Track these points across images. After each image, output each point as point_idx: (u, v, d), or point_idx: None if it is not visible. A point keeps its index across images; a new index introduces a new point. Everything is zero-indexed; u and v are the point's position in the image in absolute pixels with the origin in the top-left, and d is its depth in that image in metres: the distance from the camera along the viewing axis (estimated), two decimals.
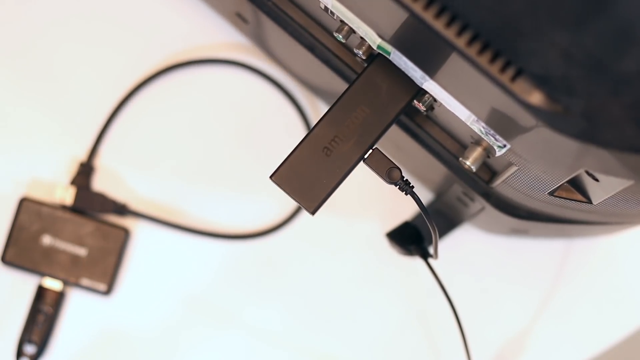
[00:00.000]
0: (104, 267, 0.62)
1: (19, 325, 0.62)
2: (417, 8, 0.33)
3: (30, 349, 0.61)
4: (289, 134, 0.65)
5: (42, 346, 0.61)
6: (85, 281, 0.62)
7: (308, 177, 0.44)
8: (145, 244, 0.63)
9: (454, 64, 0.37)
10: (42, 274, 0.61)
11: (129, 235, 0.63)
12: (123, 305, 0.63)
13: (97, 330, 0.63)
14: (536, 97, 0.33)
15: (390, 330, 0.64)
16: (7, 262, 0.61)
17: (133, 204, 0.63)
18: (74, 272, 0.62)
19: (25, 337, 0.61)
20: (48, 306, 0.61)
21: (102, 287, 0.62)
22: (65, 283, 0.62)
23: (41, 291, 0.61)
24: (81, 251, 0.62)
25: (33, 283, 0.62)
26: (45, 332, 0.61)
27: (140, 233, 0.63)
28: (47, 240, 0.62)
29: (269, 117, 0.66)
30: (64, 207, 0.62)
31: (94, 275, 0.62)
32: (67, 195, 0.62)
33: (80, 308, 0.63)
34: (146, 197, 0.64)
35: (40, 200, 0.62)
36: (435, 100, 0.44)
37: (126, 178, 0.64)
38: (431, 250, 0.52)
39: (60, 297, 0.62)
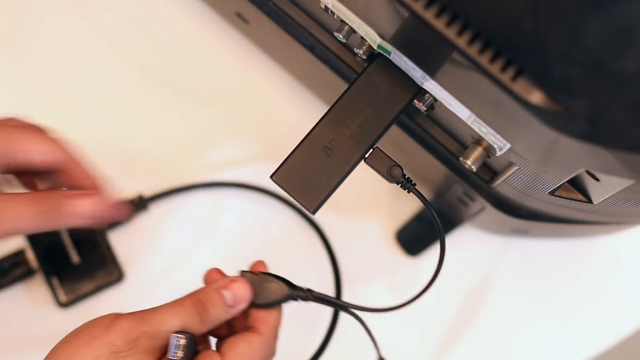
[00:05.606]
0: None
1: None
2: (418, 7, 0.33)
3: None
4: (288, 134, 0.65)
5: None
6: None
7: (309, 177, 0.44)
8: (159, 230, 0.63)
9: (455, 63, 0.37)
10: None
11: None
12: (130, 295, 0.62)
13: None
14: (536, 97, 0.32)
15: (391, 329, 0.64)
16: None
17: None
18: None
19: None
20: None
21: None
22: None
23: None
24: None
25: None
26: None
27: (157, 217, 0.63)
28: None
29: (270, 118, 0.66)
30: None
31: None
32: None
33: None
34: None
35: None
36: (435, 100, 0.44)
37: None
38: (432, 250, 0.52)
39: None
